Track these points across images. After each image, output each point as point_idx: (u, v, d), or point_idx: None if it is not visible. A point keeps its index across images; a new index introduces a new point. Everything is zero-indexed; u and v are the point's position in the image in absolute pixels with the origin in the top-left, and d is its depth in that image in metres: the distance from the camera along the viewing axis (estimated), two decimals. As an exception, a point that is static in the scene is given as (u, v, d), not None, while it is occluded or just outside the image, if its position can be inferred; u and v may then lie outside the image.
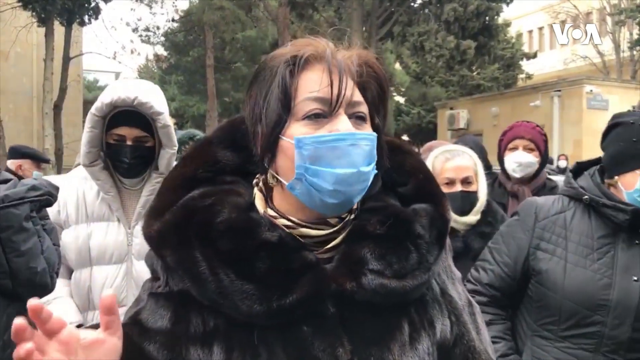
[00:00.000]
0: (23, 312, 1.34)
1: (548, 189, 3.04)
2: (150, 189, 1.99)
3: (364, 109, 0.95)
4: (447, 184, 2.43)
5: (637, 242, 1.81)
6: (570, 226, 1.88)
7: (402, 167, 1.05)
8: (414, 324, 0.97)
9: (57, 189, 1.59)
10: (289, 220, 0.95)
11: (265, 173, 0.98)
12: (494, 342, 1.83)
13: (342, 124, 0.90)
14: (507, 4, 20.13)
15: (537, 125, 3.15)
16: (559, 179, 3.06)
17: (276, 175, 0.95)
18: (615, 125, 1.87)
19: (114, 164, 1.97)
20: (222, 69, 25.15)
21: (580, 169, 2.00)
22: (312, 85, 0.92)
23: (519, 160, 3.00)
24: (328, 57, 0.93)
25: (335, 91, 0.90)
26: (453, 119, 18.85)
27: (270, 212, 0.97)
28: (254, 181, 1.02)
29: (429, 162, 2.51)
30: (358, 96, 0.94)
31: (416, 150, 5.16)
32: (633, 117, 1.84)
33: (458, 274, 1.12)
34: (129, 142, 1.95)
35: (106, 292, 0.80)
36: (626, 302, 1.77)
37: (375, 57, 0.99)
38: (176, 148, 2.06)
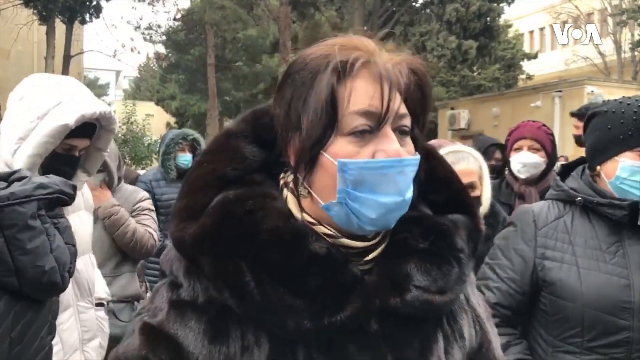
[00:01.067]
0: (30, 310, 1.33)
1: None
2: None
3: (408, 121, 0.88)
4: None
5: None
6: (572, 230, 1.79)
7: (435, 174, 1.00)
8: (447, 336, 0.96)
9: (73, 187, 1.56)
10: (327, 229, 0.89)
11: (293, 175, 0.91)
12: None
13: (389, 144, 0.84)
14: (509, 4, 20.14)
15: (544, 125, 3.09)
16: None
17: (309, 189, 0.88)
18: (592, 117, 1.81)
19: (54, 170, 1.82)
20: (223, 68, 25.14)
21: (567, 170, 1.93)
22: (361, 97, 0.84)
23: (524, 161, 2.95)
24: (379, 65, 0.85)
25: (386, 105, 0.83)
26: (454, 119, 18.82)
27: (308, 218, 0.90)
28: (282, 182, 0.95)
29: None
30: (404, 108, 0.88)
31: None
32: (607, 106, 1.78)
33: (473, 278, 1.09)
34: (76, 153, 1.96)
35: None
36: None
37: (421, 64, 0.92)
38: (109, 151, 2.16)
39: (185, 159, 4.47)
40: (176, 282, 0.91)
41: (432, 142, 4.13)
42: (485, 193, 2.42)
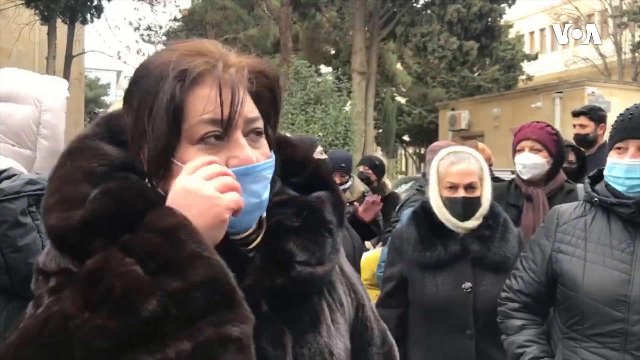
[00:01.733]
0: (24, 309, 1.32)
1: (566, 191, 2.96)
2: None
3: (260, 123, 0.92)
4: (450, 188, 2.40)
5: None
6: (590, 228, 1.95)
7: (293, 158, 1.06)
8: (330, 305, 1.03)
9: None
10: None
11: (149, 182, 0.92)
12: (526, 346, 2.01)
13: (241, 150, 0.86)
14: (510, 5, 20.14)
15: (548, 125, 3.07)
16: (579, 185, 2.97)
17: (164, 195, 0.86)
18: None
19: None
20: (223, 68, 25.16)
21: (600, 172, 2.04)
22: (204, 105, 0.85)
23: (523, 162, 2.94)
24: (218, 72, 0.86)
25: (227, 112, 0.84)
26: (454, 119, 18.83)
27: None
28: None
29: (434, 164, 2.49)
30: (254, 111, 0.90)
31: (420, 151, 5.08)
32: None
33: (343, 249, 1.15)
34: None
35: None
36: None
37: (267, 65, 0.96)
38: None
39: None
40: (55, 271, 0.88)
41: (434, 144, 4.12)
42: (485, 194, 2.41)
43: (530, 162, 2.92)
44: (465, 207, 2.38)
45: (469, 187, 2.40)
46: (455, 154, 2.47)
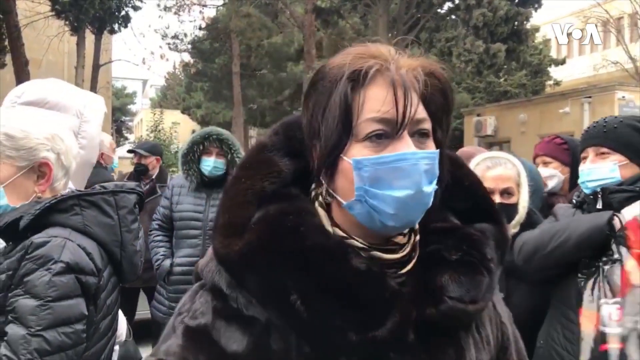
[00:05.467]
0: (118, 283, 1.70)
1: None
2: None
3: (427, 125, 0.90)
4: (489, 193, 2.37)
5: None
6: None
7: (461, 183, 1.02)
8: (477, 343, 0.99)
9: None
10: (357, 241, 0.92)
11: (321, 186, 0.95)
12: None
13: (404, 146, 0.86)
14: (536, 9, 19.87)
15: (557, 137, 3.29)
16: None
17: (333, 193, 0.92)
18: None
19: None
20: (248, 75, 25.36)
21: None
22: (375, 104, 0.86)
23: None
24: (392, 72, 0.87)
25: (401, 112, 0.86)
26: (480, 125, 18.62)
27: (339, 232, 0.93)
28: (312, 195, 0.97)
29: None
30: (422, 112, 0.89)
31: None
32: None
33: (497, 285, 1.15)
34: None
35: None
36: None
37: (441, 67, 0.94)
38: None
39: (207, 164, 3.70)
40: (220, 291, 0.92)
41: (463, 150, 4.08)
42: (522, 201, 2.36)
43: (545, 175, 3.07)
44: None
45: (505, 192, 2.34)
46: (492, 159, 2.43)
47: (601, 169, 2.10)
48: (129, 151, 5.48)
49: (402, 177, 0.85)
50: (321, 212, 0.95)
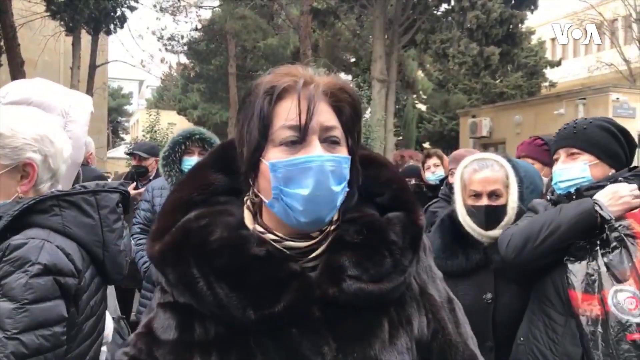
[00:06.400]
0: (102, 289, 1.69)
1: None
2: None
3: (337, 132, 1.04)
4: (473, 196, 2.36)
5: None
6: None
7: (378, 179, 1.15)
8: (393, 322, 1.08)
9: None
10: (274, 234, 1.06)
11: (249, 189, 1.10)
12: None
13: (313, 149, 1.00)
14: (532, 11, 19.93)
15: (538, 138, 3.47)
16: None
17: (258, 194, 1.06)
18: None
19: None
20: (244, 77, 25.34)
21: None
22: (286, 115, 1.01)
23: None
24: (299, 87, 1.02)
25: (304, 120, 0.99)
26: (475, 127, 18.66)
27: (259, 228, 1.08)
28: (244, 199, 1.12)
29: (458, 172, 2.47)
30: (331, 121, 1.04)
31: (444, 157, 5.04)
32: None
33: (439, 273, 1.22)
34: None
35: None
36: None
37: (348, 84, 1.10)
38: None
39: (189, 163, 3.63)
40: (163, 287, 1.11)
41: (455, 153, 4.12)
42: (511, 202, 2.35)
43: None
44: (487, 216, 2.33)
45: (493, 194, 2.34)
46: (479, 162, 2.43)
47: (572, 169, 2.15)
48: (129, 154, 5.49)
49: (310, 177, 0.99)
50: (246, 212, 1.11)
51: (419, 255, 1.14)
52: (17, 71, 13.52)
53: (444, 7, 20.16)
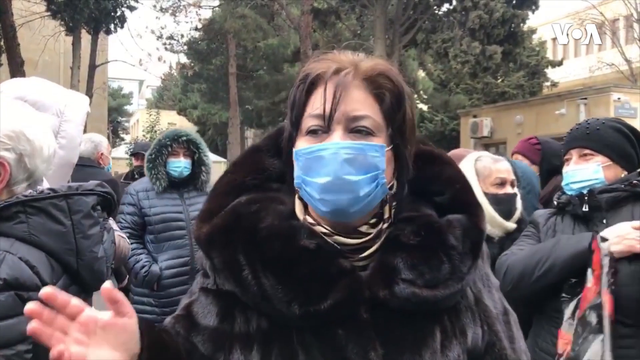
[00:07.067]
0: (80, 293, 1.51)
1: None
2: None
3: (368, 122, 0.98)
4: (499, 184, 2.44)
5: None
6: (555, 228, 2.16)
7: (439, 177, 1.07)
8: (446, 331, 1.00)
9: (117, 201, 1.73)
10: (325, 228, 1.00)
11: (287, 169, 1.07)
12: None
13: (332, 138, 0.96)
14: (533, 11, 19.90)
15: (534, 138, 3.60)
16: None
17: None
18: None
19: None
20: (244, 77, 25.32)
21: None
22: (314, 103, 0.99)
23: None
24: (327, 75, 0.98)
25: (328, 109, 0.96)
26: (476, 126, 18.63)
27: (309, 219, 1.02)
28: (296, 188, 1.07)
29: (469, 166, 2.50)
30: (361, 110, 0.97)
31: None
32: None
33: (496, 281, 1.14)
34: None
35: (104, 284, 0.84)
36: None
37: (391, 68, 1.02)
38: None
39: (177, 165, 3.66)
40: (206, 272, 1.08)
41: (454, 151, 4.13)
42: (518, 195, 2.50)
43: None
44: (512, 204, 2.43)
45: (512, 184, 2.45)
46: (489, 155, 2.54)
47: (585, 171, 2.11)
48: (132, 154, 5.48)
49: (323, 165, 0.95)
50: (297, 201, 1.05)
51: (477, 262, 1.06)
52: (16, 71, 13.50)
53: (446, 6, 20.13)
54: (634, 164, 2.12)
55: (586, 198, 2.07)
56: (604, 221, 2.00)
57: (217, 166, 3.64)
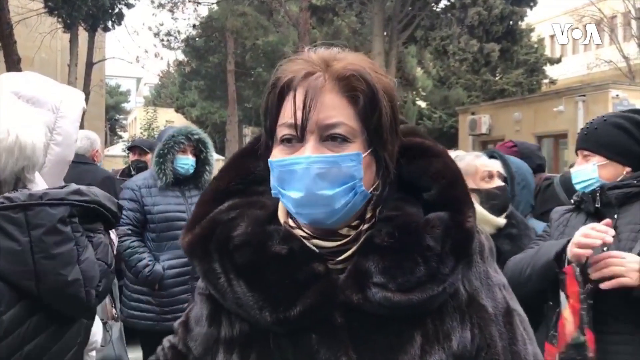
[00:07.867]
0: (53, 325, 1.30)
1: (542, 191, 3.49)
2: None
3: (340, 129, 0.92)
4: (488, 177, 2.45)
5: None
6: (568, 224, 2.20)
7: (426, 171, 1.00)
8: (428, 335, 0.95)
9: (118, 206, 1.50)
10: (304, 231, 0.98)
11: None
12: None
13: (305, 150, 0.91)
14: (531, 7, 19.89)
15: (510, 141, 3.74)
16: None
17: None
18: None
19: None
20: (243, 74, 25.25)
21: None
22: (285, 112, 0.94)
23: None
24: (297, 81, 0.93)
25: (299, 118, 0.91)
26: (474, 124, 18.61)
27: (291, 222, 1.01)
28: None
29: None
30: (333, 118, 0.91)
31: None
32: None
33: (499, 280, 1.06)
34: None
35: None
36: None
37: (364, 67, 0.95)
38: None
39: (185, 162, 3.66)
40: (199, 276, 1.09)
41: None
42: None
43: None
44: (505, 198, 2.44)
45: (499, 176, 2.48)
46: (466, 153, 2.59)
47: (583, 171, 2.23)
48: (129, 147, 5.49)
49: (297, 180, 0.91)
50: (280, 204, 1.03)
51: (471, 260, 0.99)
52: (13, 68, 13.43)
53: (444, 3, 20.12)
54: (636, 157, 2.14)
55: (598, 195, 2.11)
56: (616, 217, 2.03)
57: (216, 164, 3.66)
